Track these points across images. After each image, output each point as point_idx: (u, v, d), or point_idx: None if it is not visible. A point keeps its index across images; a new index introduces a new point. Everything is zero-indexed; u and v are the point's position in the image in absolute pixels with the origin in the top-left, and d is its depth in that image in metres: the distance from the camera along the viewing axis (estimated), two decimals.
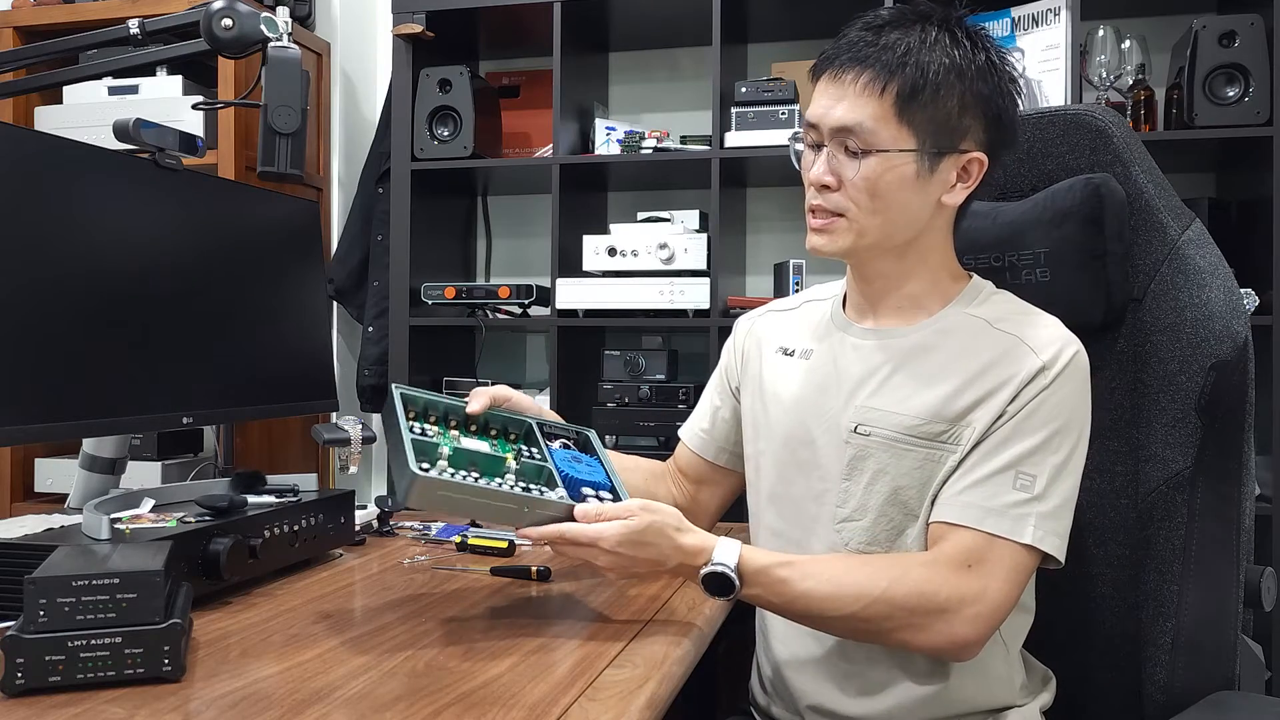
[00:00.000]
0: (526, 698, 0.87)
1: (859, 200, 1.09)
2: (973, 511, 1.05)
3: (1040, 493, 1.04)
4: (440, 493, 1.02)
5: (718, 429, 1.36)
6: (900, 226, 1.11)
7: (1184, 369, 1.17)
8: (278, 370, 1.56)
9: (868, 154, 1.07)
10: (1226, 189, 2.35)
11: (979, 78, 1.08)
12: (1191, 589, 1.17)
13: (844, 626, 1.07)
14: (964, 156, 1.10)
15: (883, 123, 1.06)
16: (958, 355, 1.11)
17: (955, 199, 1.11)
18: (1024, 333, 1.10)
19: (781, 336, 1.27)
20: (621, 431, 2.41)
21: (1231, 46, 2.04)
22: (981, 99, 1.09)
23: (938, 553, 1.05)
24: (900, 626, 1.03)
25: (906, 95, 1.06)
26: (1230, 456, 1.17)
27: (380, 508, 1.60)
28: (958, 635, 1.02)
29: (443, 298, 2.51)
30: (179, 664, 0.89)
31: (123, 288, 1.30)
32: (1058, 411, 1.06)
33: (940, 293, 1.16)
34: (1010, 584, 1.04)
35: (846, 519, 1.13)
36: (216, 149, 2.48)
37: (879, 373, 1.14)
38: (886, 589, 1.02)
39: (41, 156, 1.22)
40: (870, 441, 1.12)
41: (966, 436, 1.08)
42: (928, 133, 1.07)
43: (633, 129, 2.48)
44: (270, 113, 1.42)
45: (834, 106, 1.09)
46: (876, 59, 1.07)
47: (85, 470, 1.44)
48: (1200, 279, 1.18)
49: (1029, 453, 1.05)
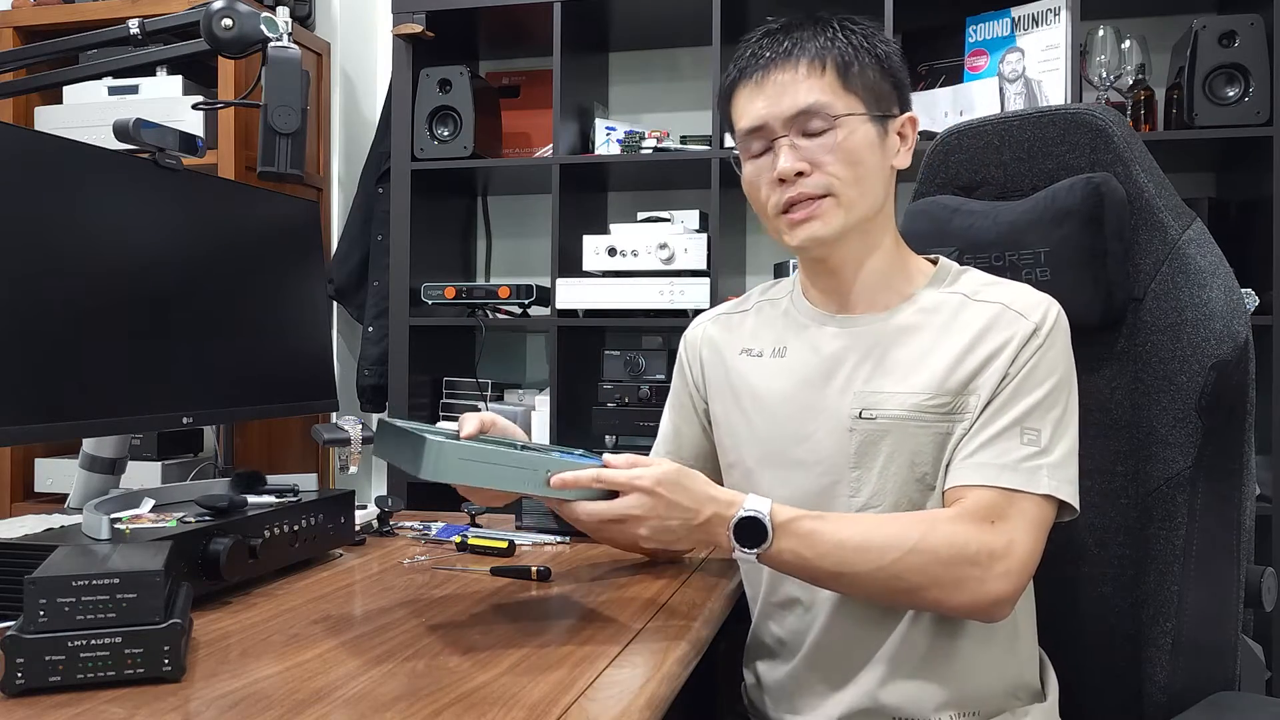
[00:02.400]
0: (526, 698, 0.87)
1: (839, 173, 1.12)
2: (988, 470, 1.07)
3: (1046, 445, 1.08)
4: (460, 458, 1.00)
5: (685, 448, 1.34)
6: (875, 195, 1.15)
7: (1184, 368, 1.17)
8: (278, 370, 1.56)
9: (832, 126, 1.11)
10: (1226, 189, 2.35)
11: (878, 50, 1.15)
12: (1192, 589, 1.17)
13: (875, 583, 1.05)
14: (900, 118, 1.17)
15: (835, 95, 1.12)
16: (946, 330, 1.14)
17: (903, 161, 1.17)
18: (1006, 299, 1.14)
19: (740, 338, 1.27)
20: (621, 431, 2.41)
21: (1231, 46, 2.04)
22: (896, 68, 1.16)
23: (961, 509, 1.06)
24: (933, 582, 1.03)
25: (842, 69, 1.12)
26: (1230, 456, 1.17)
27: (380, 508, 1.61)
28: (990, 591, 1.03)
29: (443, 298, 2.51)
30: (179, 664, 0.89)
31: (123, 288, 1.30)
32: (1052, 368, 1.10)
33: (905, 275, 1.19)
34: (1034, 536, 1.06)
35: (864, 506, 1.13)
36: (216, 149, 2.49)
37: (871, 356, 1.15)
38: (919, 540, 1.03)
39: (41, 156, 1.21)
40: (878, 425, 1.12)
41: (973, 405, 1.10)
42: (870, 99, 1.13)
43: (633, 129, 2.48)
44: (270, 113, 1.42)
45: (780, 98, 1.13)
46: (802, 50, 1.13)
47: (85, 470, 1.44)
48: (1201, 278, 1.18)
49: (1031, 409, 1.08)
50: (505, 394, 2.74)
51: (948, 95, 2.30)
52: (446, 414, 2.63)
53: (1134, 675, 1.21)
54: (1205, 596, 1.17)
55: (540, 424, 2.51)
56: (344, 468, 1.47)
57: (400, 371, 2.53)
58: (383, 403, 2.64)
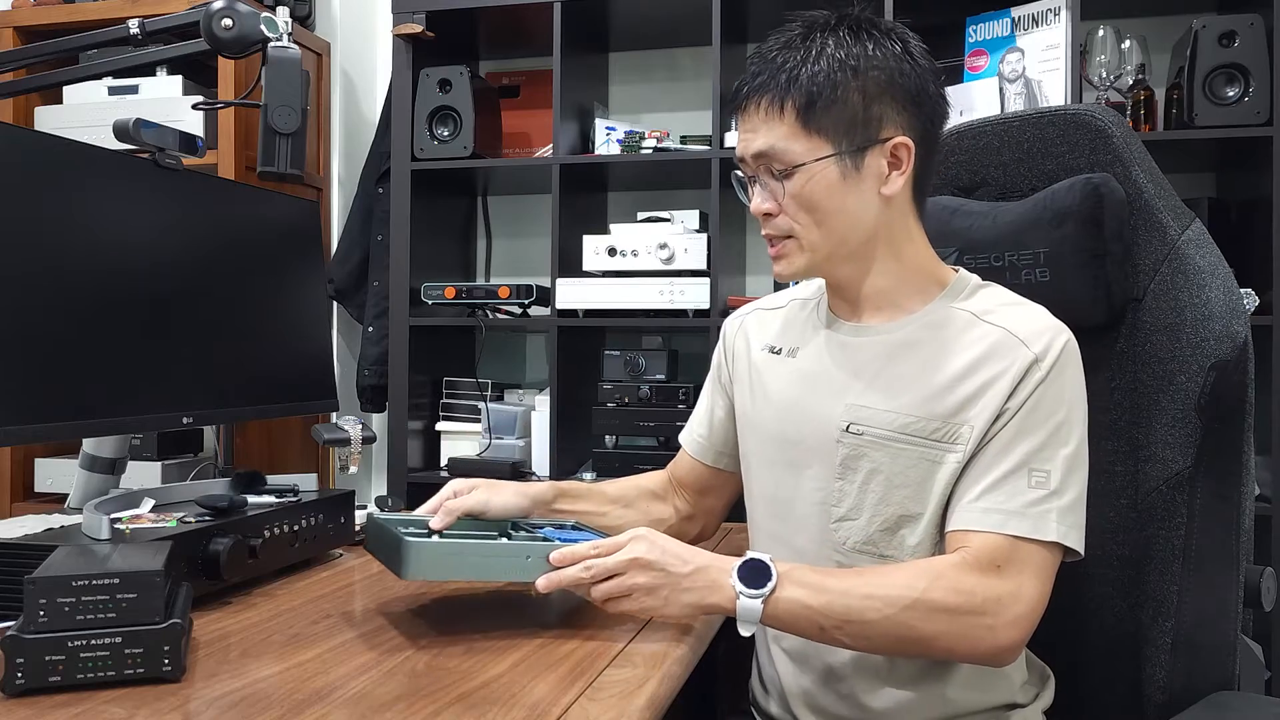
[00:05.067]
0: (526, 698, 0.87)
1: (797, 218, 1.11)
2: (993, 516, 1.04)
3: (1057, 487, 1.04)
4: (438, 555, 1.02)
5: (715, 432, 1.36)
6: (848, 231, 1.11)
7: (1184, 369, 1.17)
8: (278, 370, 1.56)
9: (789, 173, 1.09)
10: (1226, 189, 2.35)
11: (875, 66, 1.09)
12: (1191, 589, 1.17)
13: (883, 635, 1.02)
14: (888, 144, 1.10)
15: (793, 139, 1.08)
16: (946, 350, 1.11)
17: (894, 188, 1.11)
18: (1013, 325, 1.09)
19: (769, 335, 1.27)
20: (621, 431, 2.41)
21: (1231, 46, 2.04)
22: (885, 85, 1.09)
23: (965, 555, 1.04)
24: (942, 633, 1.01)
25: (805, 107, 1.08)
26: (1230, 457, 1.17)
27: (380, 508, 1.61)
28: (1001, 640, 1.01)
29: (443, 298, 2.51)
30: (179, 664, 0.89)
31: (123, 288, 1.30)
32: (1058, 403, 1.06)
33: (918, 288, 1.16)
34: (1041, 582, 1.04)
35: (842, 518, 1.13)
36: (216, 149, 2.49)
37: (868, 369, 1.14)
38: (925, 589, 1.00)
39: (41, 156, 1.22)
40: (863, 440, 1.11)
41: (965, 435, 1.07)
42: (840, 134, 1.08)
43: (633, 129, 2.48)
44: (270, 113, 1.42)
45: (749, 138, 1.12)
46: (770, 83, 1.10)
47: (85, 470, 1.44)
48: (1200, 279, 1.18)
49: (1038, 448, 1.05)
50: (505, 394, 2.74)
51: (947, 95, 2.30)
52: (446, 414, 2.63)
53: (1133, 675, 1.21)
54: (1204, 596, 1.17)
55: (540, 424, 2.51)
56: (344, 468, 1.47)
57: (400, 371, 2.53)
58: (383, 403, 2.65)
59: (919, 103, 1.11)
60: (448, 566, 1.02)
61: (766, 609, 1.02)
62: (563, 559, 1.05)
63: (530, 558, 1.04)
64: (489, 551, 1.04)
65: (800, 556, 1.14)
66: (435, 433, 2.63)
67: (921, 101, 1.12)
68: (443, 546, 1.03)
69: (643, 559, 1.03)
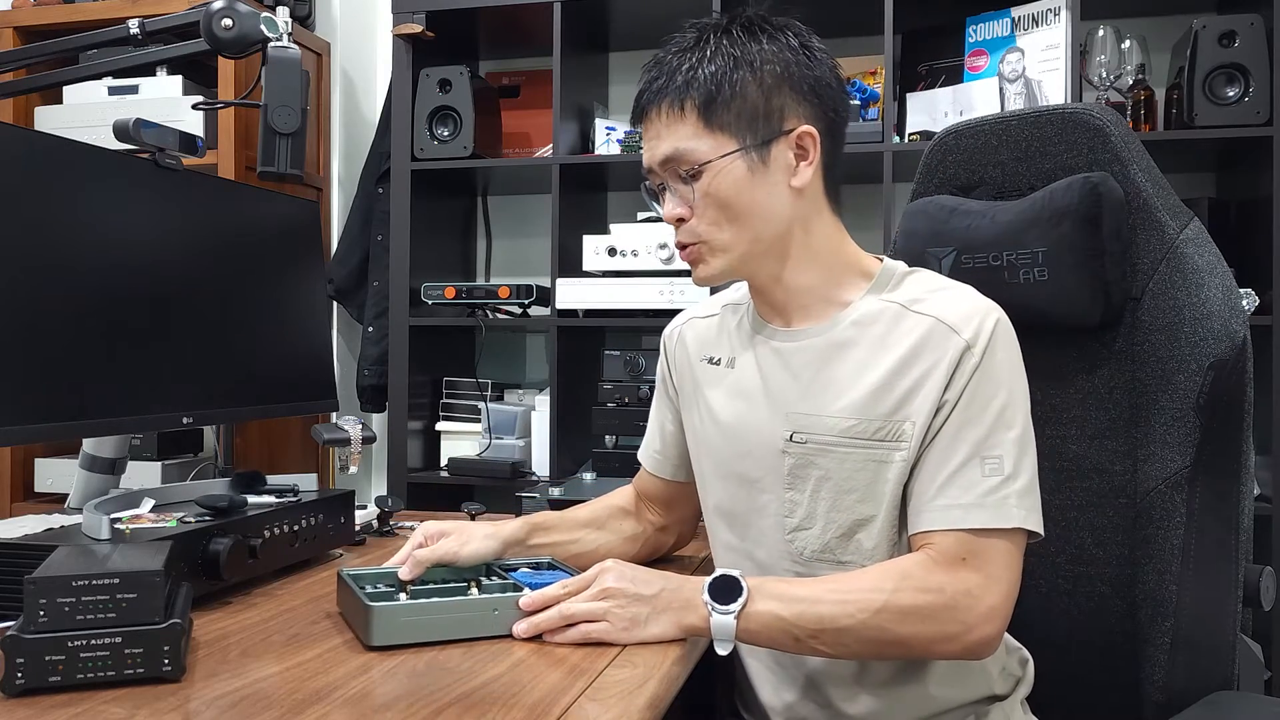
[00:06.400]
0: (526, 698, 0.87)
1: (709, 217, 1.11)
2: (952, 513, 1.03)
3: (1011, 472, 1.03)
4: (403, 619, 1.00)
5: (669, 446, 1.34)
6: (761, 226, 1.11)
7: (1182, 368, 1.17)
8: (278, 370, 1.56)
9: (696, 173, 1.09)
10: (1226, 189, 2.35)
11: (770, 60, 1.09)
12: (1190, 588, 1.17)
13: (858, 639, 1.01)
14: (792, 135, 1.10)
15: (696, 139, 1.09)
16: (878, 346, 1.09)
17: (803, 179, 1.11)
18: (941, 311, 1.08)
19: (705, 345, 1.26)
20: (621, 431, 2.41)
21: (1231, 46, 2.04)
22: (782, 77, 1.09)
23: (930, 552, 1.03)
24: (917, 632, 1.00)
25: (704, 105, 1.08)
26: (1229, 456, 1.17)
27: (380, 508, 1.61)
28: (977, 635, 1.01)
29: (443, 298, 2.51)
30: (179, 664, 0.89)
31: (123, 288, 1.30)
32: (997, 386, 1.05)
33: (843, 282, 1.14)
34: (1010, 570, 1.03)
35: (797, 528, 1.12)
36: (216, 149, 2.49)
37: (802, 376, 1.13)
38: (894, 590, 1.00)
39: (41, 156, 1.22)
40: (808, 449, 1.10)
41: (909, 431, 1.06)
42: (743, 129, 1.08)
43: (633, 129, 2.48)
44: (270, 113, 1.43)
45: (654, 144, 1.13)
46: (668, 86, 1.10)
47: (85, 470, 1.44)
48: (1198, 278, 1.18)
49: (985, 435, 1.04)
50: (505, 394, 2.74)
51: (948, 95, 2.30)
52: (446, 414, 2.63)
53: (1132, 675, 1.21)
54: (1204, 596, 1.17)
55: (540, 424, 2.51)
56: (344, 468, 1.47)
57: (400, 371, 2.53)
58: (383, 403, 2.65)
59: (819, 93, 1.11)
60: (415, 629, 1.01)
61: (740, 624, 1.01)
62: (533, 604, 1.03)
63: (498, 611, 1.03)
64: (455, 609, 1.03)
65: (761, 569, 1.14)
66: (435, 433, 2.63)
67: (821, 92, 1.12)
68: (407, 609, 1.01)
69: (612, 589, 1.03)
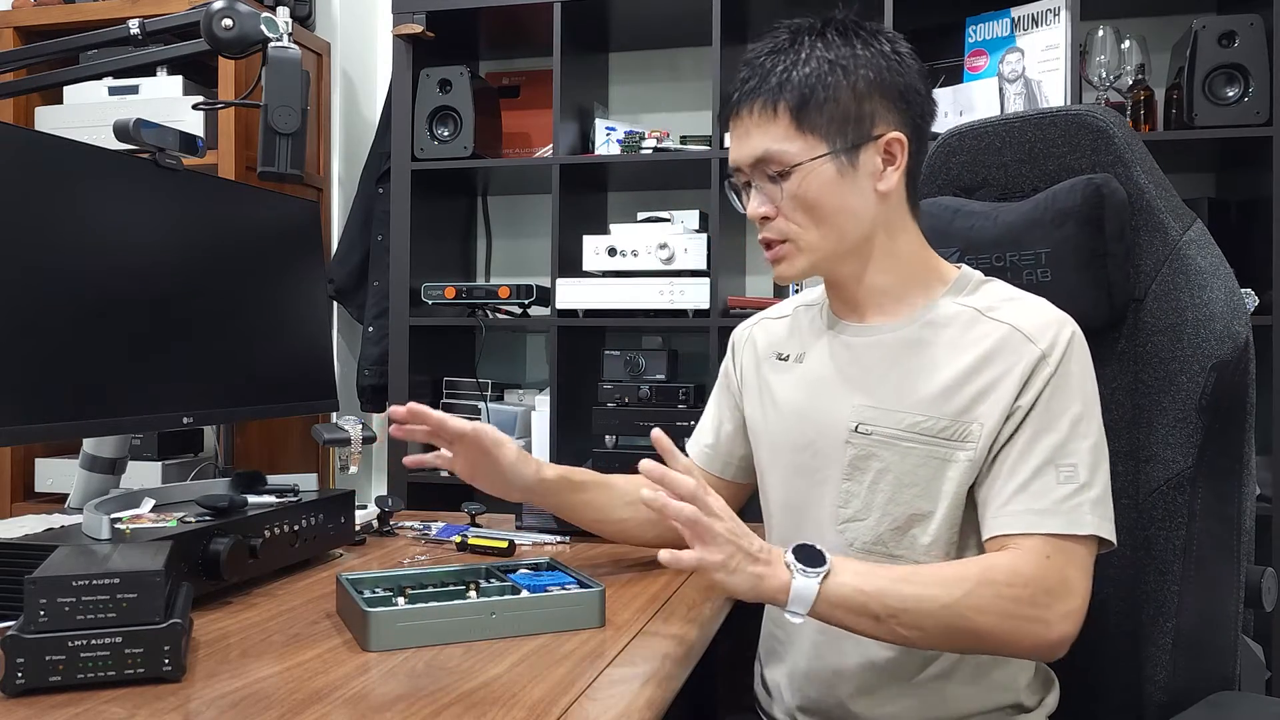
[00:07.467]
0: (526, 698, 0.87)
1: (796, 219, 1.12)
2: (1028, 518, 1.04)
3: (1086, 480, 1.04)
4: (400, 624, 1.00)
5: (722, 443, 1.35)
6: (847, 228, 1.12)
7: (1184, 369, 1.17)
8: (278, 370, 1.56)
9: (786, 174, 1.10)
10: (1226, 189, 2.35)
11: (863, 65, 1.10)
12: (1192, 589, 1.17)
13: (938, 624, 0.99)
14: (881, 141, 1.11)
15: (788, 140, 1.10)
16: (952, 347, 1.11)
17: (889, 184, 1.12)
18: (1017, 320, 1.10)
19: (776, 343, 1.28)
20: (621, 431, 2.41)
21: (1231, 46, 2.04)
22: (874, 83, 1.10)
23: (1014, 552, 1.03)
24: (997, 625, 1.00)
25: (798, 107, 1.09)
26: (1231, 457, 1.17)
27: (380, 508, 1.61)
28: (1055, 633, 1.01)
29: (443, 298, 2.51)
30: (179, 664, 0.89)
31: (123, 288, 1.30)
32: (1072, 396, 1.07)
33: (918, 284, 1.16)
34: (1085, 575, 1.03)
35: (850, 519, 1.13)
36: (216, 149, 2.49)
37: (874, 370, 1.14)
38: (979, 582, 0.99)
39: (41, 156, 1.21)
40: (872, 440, 1.12)
41: (976, 433, 1.07)
42: (834, 133, 1.10)
43: (633, 129, 2.48)
44: (270, 113, 1.42)
45: (743, 143, 1.13)
46: (761, 87, 1.11)
47: (85, 470, 1.44)
48: (1201, 279, 1.18)
49: (1061, 443, 1.05)
50: (505, 394, 2.74)
51: (948, 95, 2.30)
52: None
53: (1134, 675, 1.21)
54: (1205, 596, 1.17)
55: (540, 424, 2.51)
56: (344, 468, 1.47)
57: (400, 371, 2.53)
58: (383, 402, 2.65)
59: (908, 100, 1.13)
60: (413, 634, 1.01)
61: (820, 592, 0.98)
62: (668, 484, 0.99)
63: (496, 614, 1.04)
64: (453, 613, 1.03)
65: None
66: None
67: (910, 98, 1.13)
68: (405, 614, 1.01)
69: (734, 527, 1.00)
